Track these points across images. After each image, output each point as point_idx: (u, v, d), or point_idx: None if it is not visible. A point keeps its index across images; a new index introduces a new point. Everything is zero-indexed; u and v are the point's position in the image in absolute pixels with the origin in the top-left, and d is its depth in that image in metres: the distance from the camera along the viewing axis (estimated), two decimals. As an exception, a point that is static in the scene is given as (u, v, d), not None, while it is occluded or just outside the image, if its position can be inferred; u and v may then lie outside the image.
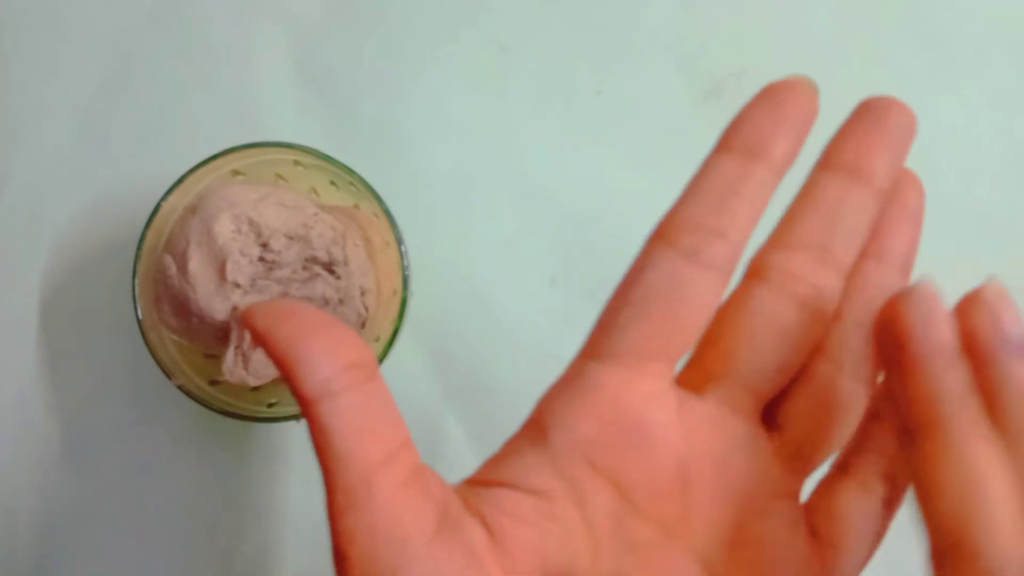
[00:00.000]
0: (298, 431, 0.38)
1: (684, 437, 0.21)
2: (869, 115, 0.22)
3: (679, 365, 0.23)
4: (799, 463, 0.22)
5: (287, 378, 0.19)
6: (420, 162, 0.40)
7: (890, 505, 0.23)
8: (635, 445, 0.21)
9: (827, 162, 0.22)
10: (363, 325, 0.33)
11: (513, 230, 0.40)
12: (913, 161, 0.41)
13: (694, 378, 0.23)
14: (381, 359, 0.34)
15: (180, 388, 0.33)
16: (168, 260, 0.32)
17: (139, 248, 0.33)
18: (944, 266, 0.40)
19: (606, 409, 0.21)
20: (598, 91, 0.41)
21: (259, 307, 0.19)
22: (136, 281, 0.33)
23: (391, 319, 0.34)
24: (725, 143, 0.21)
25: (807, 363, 0.22)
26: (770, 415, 0.23)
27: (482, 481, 0.21)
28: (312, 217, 0.32)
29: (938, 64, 0.42)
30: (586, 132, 0.40)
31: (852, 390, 0.22)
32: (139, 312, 0.33)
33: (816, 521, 0.22)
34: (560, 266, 0.40)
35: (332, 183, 0.35)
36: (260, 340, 0.19)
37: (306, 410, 0.19)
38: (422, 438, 0.27)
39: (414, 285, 0.35)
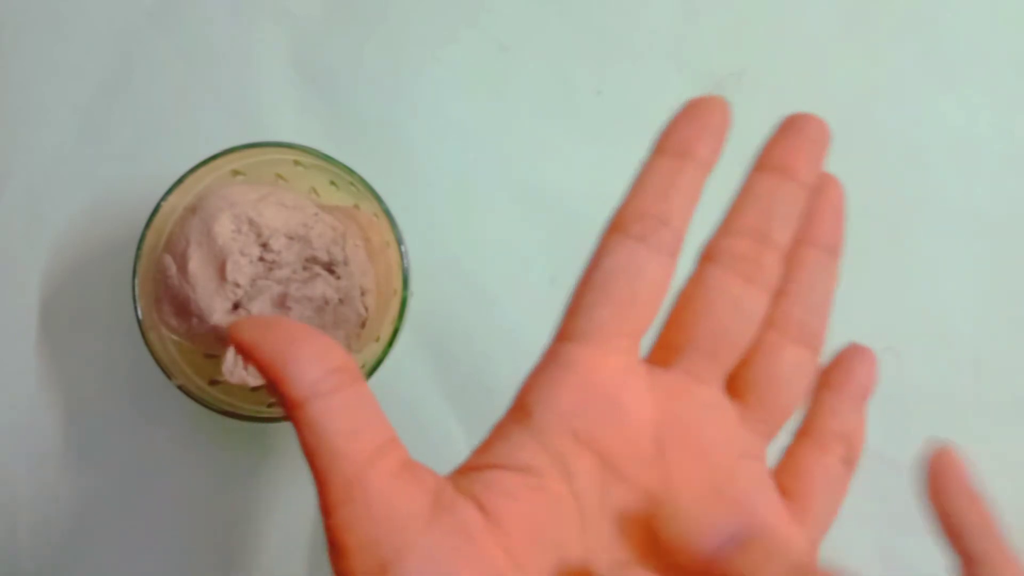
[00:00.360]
0: (298, 431, 0.38)
1: (655, 405, 0.23)
2: (791, 126, 0.26)
3: (646, 348, 0.25)
4: (761, 425, 0.25)
5: (274, 383, 0.20)
6: (420, 162, 0.40)
7: (848, 463, 0.25)
8: (612, 414, 0.23)
9: (760, 165, 0.26)
10: (363, 325, 0.33)
11: (513, 230, 0.40)
12: (913, 161, 0.41)
13: (661, 355, 0.25)
14: (381, 359, 0.34)
15: (180, 388, 0.33)
16: (168, 260, 0.32)
17: (139, 248, 0.33)
18: (945, 266, 0.40)
19: (582, 383, 0.23)
20: (598, 91, 0.41)
21: (244, 321, 0.21)
22: (136, 281, 0.33)
23: (391, 319, 0.34)
24: (660, 147, 0.24)
25: (759, 335, 0.25)
26: (732, 384, 0.25)
27: (472, 467, 0.22)
28: (312, 217, 0.32)
29: (938, 64, 0.42)
30: (586, 132, 0.40)
31: (799, 357, 0.25)
32: (139, 312, 0.33)
33: (784, 481, 0.25)
34: (560, 266, 0.39)
35: (332, 183, 0.35)
36: (246, 351, 0.21)
37: (294, 413, 0.20)
38: (422, 438, 0.27)
39: (414, 285, 0.35)
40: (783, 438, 0.26)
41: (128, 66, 0.40)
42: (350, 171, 0.34)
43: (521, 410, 0.23)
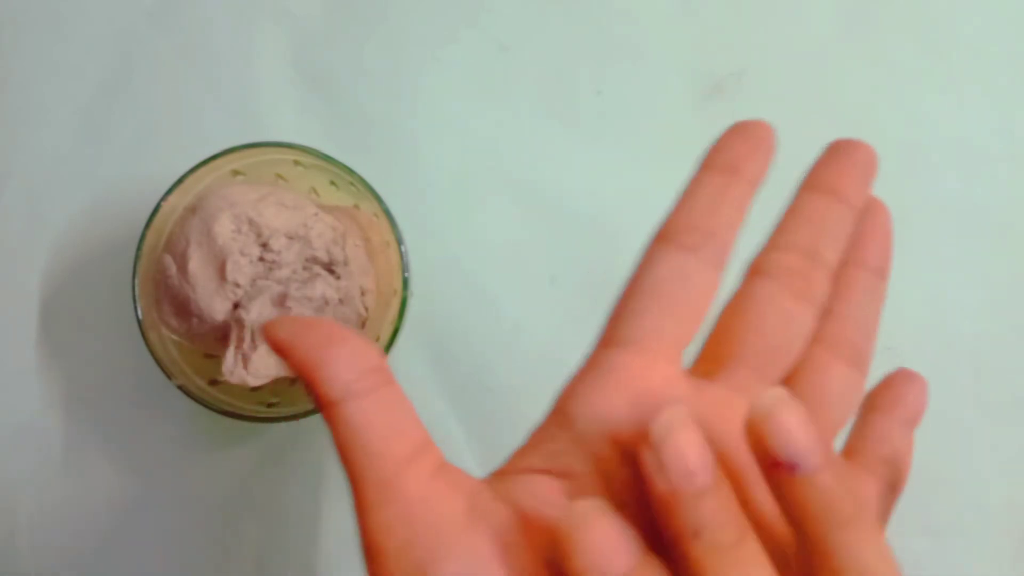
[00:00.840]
0: (298, 432, 0.38)
1: (700, 417, 0.23)
2: (840, 150, 0.26)
3: (690, 360, 0.25)
4: None
5: (309, 383, 0.20)
6: (420, 162, 0.40)
7: (894, 488, 0.25)
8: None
9: (809, 185, 0.26)
10: (363, 325, 0.33)
11: (513, 230, 0.40)
12: (913, 161, 0.41)
13: (706, 367, 0.24)
14: (381, 359, 0.34)
15: (180, 388, 0.33)
16: (168, 260, 0.32)
17: (139, 248, 0.33)
18: (945, 266, 0.40)
19: (626, 389, 0.22)
20: (598, 91, 0.41)
21: (280, 319, 0.21)
22: (136, 281, 0.33)
23: (391, 319, 0.34)
24: (708, 163, 0.25)
25: (806, 352, 0.25)
26: None
27: (510, 470, 0.22)
28: (312, 217, 0.32)
29: (938, 64, 0.42)
30: (586, 132, 0.40)
31: (847, 375, 0.25)
32: (139, 312, 0.33)
33: None
34: (560, 266, 0.40)
35: (332, 183, 0.35)
36: (282, 350, 0.21)
37: (329, 412, 0.20)
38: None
39: (414, 285, 0.35)
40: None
41: (128, 66, 0.40)
42: (350, 171, 0.34)
43: (562, 415, 0.23)
